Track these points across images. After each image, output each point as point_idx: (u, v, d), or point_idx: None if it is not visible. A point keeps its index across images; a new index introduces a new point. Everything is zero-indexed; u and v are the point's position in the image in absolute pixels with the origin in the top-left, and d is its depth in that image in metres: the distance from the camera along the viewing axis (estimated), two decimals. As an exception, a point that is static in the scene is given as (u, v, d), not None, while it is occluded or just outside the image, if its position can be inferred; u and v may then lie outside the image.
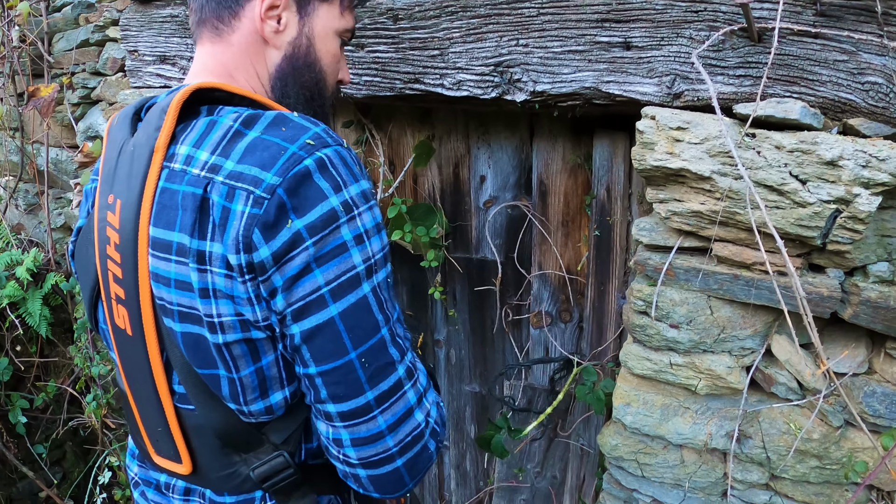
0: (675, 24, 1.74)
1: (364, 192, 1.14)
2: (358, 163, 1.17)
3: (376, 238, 1.15)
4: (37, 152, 4.10)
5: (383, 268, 1.18)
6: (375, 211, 1.16)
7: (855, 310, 1.68)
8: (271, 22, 1.36)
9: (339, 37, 1.49)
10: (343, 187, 1.10)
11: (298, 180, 1.07)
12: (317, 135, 1.13)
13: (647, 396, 2.02)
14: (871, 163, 1.50)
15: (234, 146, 1.12)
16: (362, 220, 1.12)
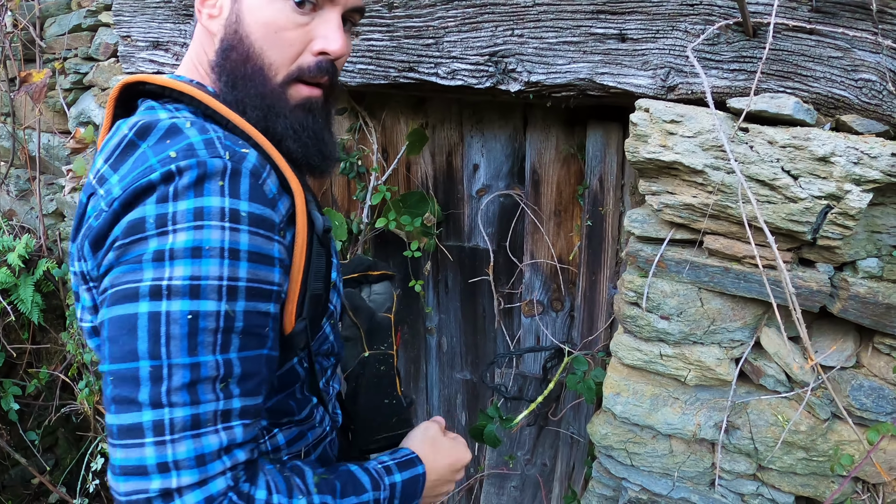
0: (670, 16, 1.75)
1: (200, 210, 0.99)
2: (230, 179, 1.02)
3: (186, 262, 0.97)
4: (28, 138, 4.09)
5: (185, 298, 0.97)
6: (207, 232, 0.99)
7: (844, 304, 1.69)
8: (206, 10, 1.24)
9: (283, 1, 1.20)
10: (171, 199, 0.98)
11: (137, 194, 0.99)
12: (188, 146, 1.02)
13: (637, 386, 2.03)
14: (863, 160, 1.51)
15: (125, 160, 1.06)
16: (175, 237, 0.97)
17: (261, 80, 1.21)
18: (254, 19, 1.19)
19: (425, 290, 2.95)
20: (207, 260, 0.98)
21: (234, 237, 1.00)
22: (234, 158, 1.03)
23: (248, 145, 1.10)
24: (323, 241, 1.21)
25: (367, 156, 2.77)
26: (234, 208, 1.00)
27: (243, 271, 1.01)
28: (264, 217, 1.04)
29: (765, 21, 1.62)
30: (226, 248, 0.99)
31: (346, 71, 2.26)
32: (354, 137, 2.79)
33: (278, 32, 1.19)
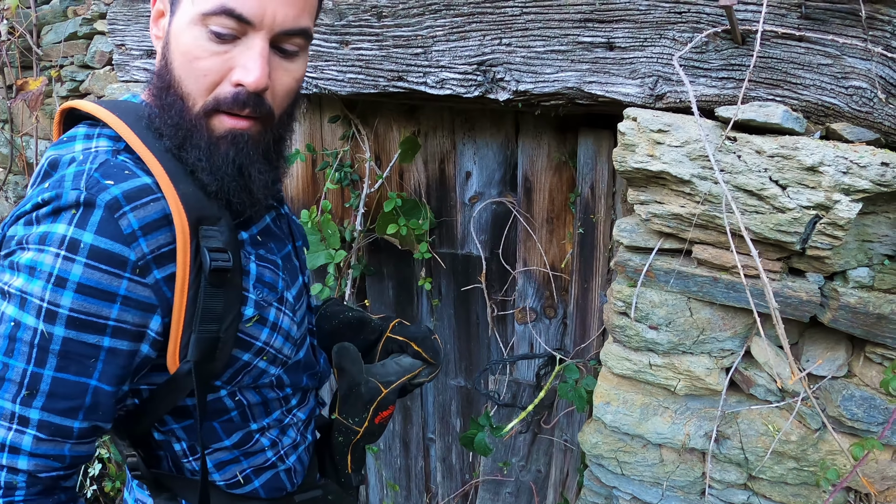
0: (658, 24, 1.74)
1: (45, 235, 1.05)
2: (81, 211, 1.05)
3: (22, 276, 1.05)
4: (26, 145, 4.10)
5: (14, 306, 1.06)
6: (44, 255, 1.04)
7: (834, 314, 1.68)
8: (154, 30, 1.23)
9: (202, 26, 1.12)
10: (33, 223, 1.07)
11: (15, 218, 1.09)
12: (59, 178, 1.08)
13: (627, 395, 2.02)
14: (852, 169, 1.50)
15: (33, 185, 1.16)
16: (22, 255, 1.06)
17: (178, 109, 1.16)
18: (176, 46, 1.15)
19: (419, 296, 2.94)
20: (35, 280, 1.04)
21: (64, 266, 1.04)
22: (91, 191, 1.05)
23: (131, 175, 1.11)
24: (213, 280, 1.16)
25: (362, 164, 2.77)
26: (75, 238, 1.04)
27: (67, 300, 1.05)
28: (110, 252, 1.05)
29: (753, 28, 1.61)
30: (54, 273, 1.04)
31: (336, 80, 2.26)
32: (347, 145, 2.79)
33: (192, 62, 1.14)
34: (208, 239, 1.15)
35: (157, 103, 1.19)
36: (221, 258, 1.15)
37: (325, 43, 2.25)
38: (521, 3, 1.87)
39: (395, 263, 2.93)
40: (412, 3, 2.04)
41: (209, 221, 1.16)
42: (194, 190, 1.15)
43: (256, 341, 1.27)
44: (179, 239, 1.11)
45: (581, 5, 1.80)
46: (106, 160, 1.11)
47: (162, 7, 1.20)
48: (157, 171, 1.12)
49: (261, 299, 1.27)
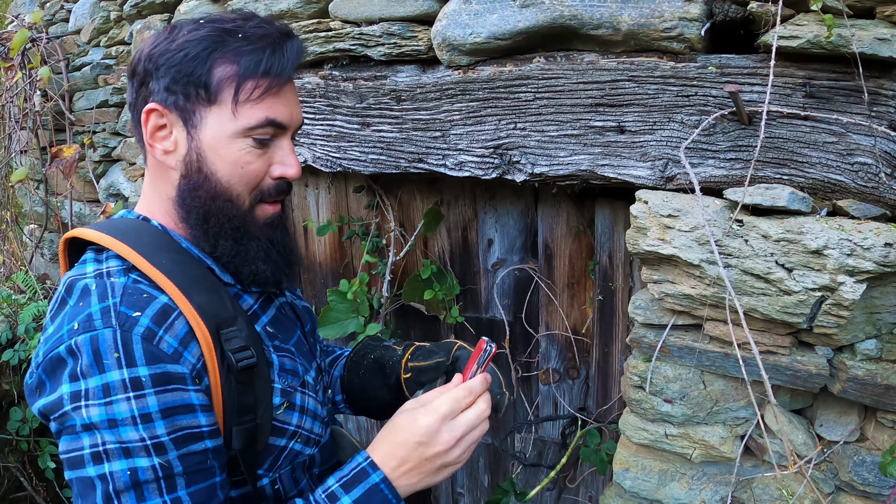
0: (666, 108, 1.79)
1: (107, 386, 1.09)
2: (124, 349, 1.10)
3: (108, 432, 1.09)
4: (61, 205, 4.21)
5: (121, 458, 1.10)
6: (116, 406, 1.09)
7: (843, 385, 1.71)
8: (160, 144, 1.28)
9: (246, 137, 1.26)
10: (80, 377, 1.10)
11: (53, 364, 1.12)
12: (87, 316, 1.12)
13: (646, 462, 2.06)
14: (856, 251, 1.53)
15: (57, 314, 1.19)
16: (89, 412, 1.09)
17: (232, 210, 1.29)
18: (219, 157, 1.25)
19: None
20: (125, 428, 1.10)
21: (140, 404, 1.10)
22: (124, 326, 1.12)
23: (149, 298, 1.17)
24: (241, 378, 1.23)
25: (388, 234, 2.84)
26: (134, 377, 1.10)
27: (161, 429, 1.12)
28: (168, 373, 1.13)
29: (759, 109, 1.65)
30: (136, 415, 1.10)
31: (359, 160, 2.34)
32: (373, 214, 2.86)
33: (244, 168, 1.27)
34: (230, 341, 1.22)
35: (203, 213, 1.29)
36: (246, 356, 1.23)
37: (347, 124, 2.33)
38: (533, 89, 1.94)
39: (421, 328, 2.99)
40: (429, 88, 2.11)
41: (227, 324, 1.23)
42: (207, 297, 1.23)
43: (289, 426, 1.34)
44: (205, 349, 1.19)
45: (591, 90, 1.87)
46: (124, 287, 1.18)
47: (165, 122, 1.26)
48: (168, 289, 1.19)
49: (286, 386, 1.34)
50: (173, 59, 1.23)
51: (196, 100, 1.24)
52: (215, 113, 1.24)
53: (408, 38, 2.12)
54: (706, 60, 1.73)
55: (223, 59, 1.23)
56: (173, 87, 1.23)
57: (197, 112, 1.24)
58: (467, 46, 1.99)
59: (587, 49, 1.91)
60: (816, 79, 1.62)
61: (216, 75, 1.22)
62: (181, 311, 1.18)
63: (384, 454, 1.27)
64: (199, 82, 1.22)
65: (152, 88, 1.25)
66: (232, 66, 1.23)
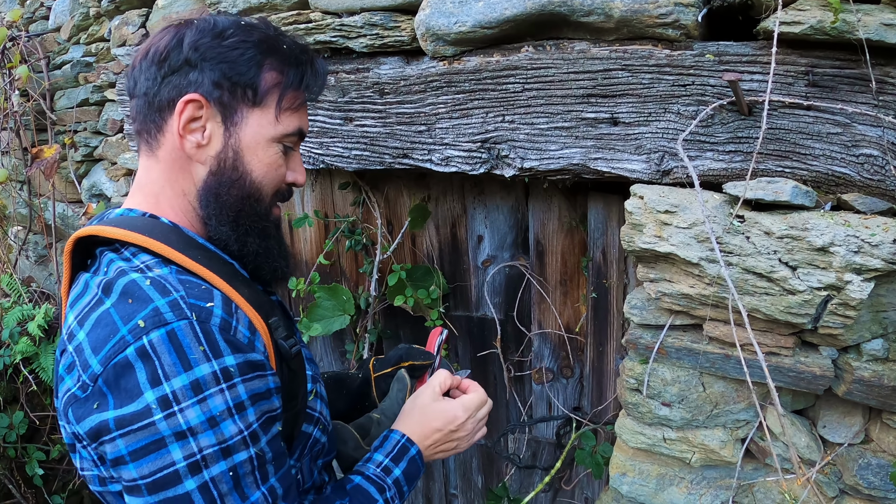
0: (662, 98, 1.72)
1: (197, 382, 1.04)
2: (207, 337, 1.07)
3: (208, 434, 1.04)
4: (44, 206, 4.13)
5: (221, 460, 1.06)
6: (212, 402, 1.05)
7: (848, 387, 1.65)
8: (192, 137, 1.25)
9: (279, 143, 1.31)
10: (164, 380, 1.02)
11: (118, 371, 1.03)
12: (154, 311, 1.05)
13: (643, 466, 2.00)
14: (864, 248, 1.47)
15: (90, 316, 1.10)
16: (185, 415, 1.02)
17: (260, 210, 1.32)
18: (256, 158, 1.28)
19: (436, 359, 2.92)
20: (224, 424, 1.06)
21: (234, 394, 1.07)
22: (201, 318, 1.08)
23: (209, 290, 1.14)
24: (293, 365, 1.27)
25: (373, 232, 2.76)
26: (224, 367, 1.07)
27: (253, 416, 1.10)
28: (250, 361, 1.11)
29: (760, 99, 1.59)
30: (231, 406, 1.07)
31: (342, 157, 2.26)
32: (359, 211, 2.78)
33: (276, 170, 1.32)
34: (277, 330, 1.23)
35: (234, 212, 1.29)
36: (293, 343, 1.26)
37: (330, 119, 2.26)
38: (522, 80, 1.86)
39: (410, 327, 2.92)
40: (413, 80, 2.04)
41: (272, 314, 1.24)
42: (248, 290, 1.22)
43: (315, 412, 1.38)
44: (265, 338, 1.19)
45: (583, 81, 1.79)
46: (179, 280, 1.12)
47: (202, 114, 1.25)
48: (216, 282, 1.17)
49: (314, 374, 1.40)
50: (227, 55, 1.24)
51: (242, 99, 1.26)
52: (257, 115, 1.27)
53: (390, 29, 2.04)
54: (703, 48, 1.65)
55: (272, 66, 1.28)
56: (222, 81, 1.24)
57: (239, 111, 1.26)
58: (452, 36, 1.90)
59: (578, 37, 1.83)
60: (820, 67, 1.54)
61: (265, 80, 1.27)
62: (237, 303, 1.17)
63: (421, 435, 1.50)
64: (248, 83, 1.25)
65: (192, 79, 1.24)
66: (279, 74, 1.28)
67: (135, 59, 1.30)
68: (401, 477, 1.42)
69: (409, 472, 1.44)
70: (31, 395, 4.00)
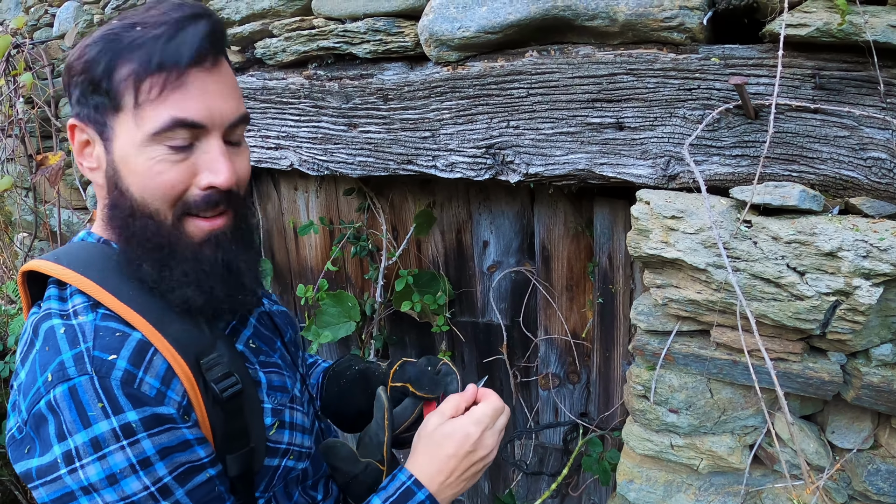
0: (668, 102, 1.71)
1: (95, 440, 1.00)
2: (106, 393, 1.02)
3: (108, 490, 1.01)
4: (49, 213, 4.13)
5: None
6: (112, 459, 1.01)
7: (857, 393, 1.63)
8: (86, 162, 1.18)
9: (157, 143, 1.09)
10: (67, 435, 1.00)
11: (37, 420, 1.02)
12: (59, 365, 1.03)
13: (650, 473, 1.98)
14: (872, 253, 1.45)
15: (28, 357, 1.09)
16: (86, 472, 1.00)
17: (153, 229, 1.14)
18: (129, 170, 1.12)
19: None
20: (126, 481, 1.02)
21: (137, 450, 1.02)
22: (101, 373, 1.03)
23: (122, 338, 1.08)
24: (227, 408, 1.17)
25: (378, 238, 2.75)
26: (124, 423, 1.02)
27: (162, 470, 1.05)
28: (157, 415, 1.05)
29: (766, 102, 1.57)
30: (134, 462, 1.02)
31: (346, 163, 2.25)
32: (364, 217, 2.78)
33: (155, 179, 1.11)
34: (211, 370, 1.14)
35: (123, 234, 1.16)
36: (230, 384, 1.15)
37: (334, 126, 2.25)
38: (526, 85, 1.85)
39: (416, 333, 2.92)
40: (417, 86, 2.03)
41: (206, 352, 1.15)
42: (181, 326, 1.14)
43: (281, 444, 1.28)
44: (187, 384, 1.11)
45: (588, 85, 1.78)
46: (95, 328, 1.08)
47: (87, 137, 1.16)
48: (139, 324, 1.10)
49: (276, 405, 1.28)
50: (77, 67, 1.11)
51: (104, 109, 1.11)
52: (121, 121, 1.11)
53: (394, 35, 2.03)
54: (709, 51, 1.64)
55: (120, 58, 1.08)
56: (83, 98, 1.13)
57: (108, 123, 1.12)
58: (456, 41, 1.89)
59: (582, 41, 1.82)
60: (826, 69, 1.53)
61: (115, 78, 1.09)
62: (156, 348, 1.09)
63: (433, 470, 1.30)
64: (101, 89, 1.10)
65: (75, 97, 1.14)
66: (129, 64, 1.08)
67: None
68: None
69: None
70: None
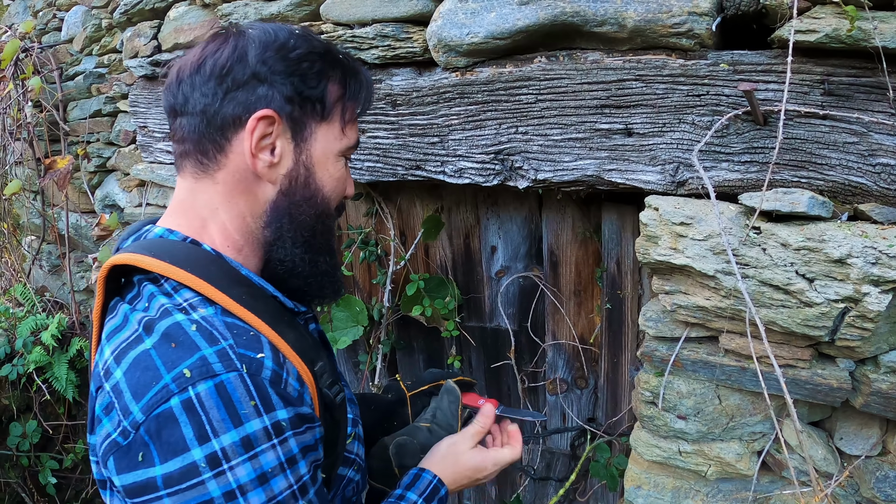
0: (676, 109, 1.70)
1: (247, 439, 0.98)
2: (258, 391, 1.01)
3: (257, 492, 0.99)
4: (57, 216, 4.15)
5: None
6: (263, 458, 0.99)
7: (866, 399, 1.62)
8: (264, 155, 1.18)
9: (343, 156, 1.29)
10: (212, 436, 0.96)
11: (161, 423, 0.96)
12: (201, 360, 0.99)
13: (658, 479, 1.98)
14: (881, 259, 1.44)
15: (128, 353, 1.03)
16: (235, 473, 0.97)
17: (331, 226, 1.33)
18: (327, 174, 1.26)
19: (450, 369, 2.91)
20: (275, 480, 1.01)
21: (286, 448, 1.03)
22: (251, 370, 1.02)
23: (257, 338, 1.08)
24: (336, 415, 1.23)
25: (386, 243, 2.76)
26: (275, 422, 1.02)
27: (304, 468, 1.06)
28: (301, 414, 1.06)
29: (775, 109, 1.57)
30: (284, 461, 1.02)
31: (354, 168, 2.26)
32: (371, 222, 2.78)
33: (342, 182, 1.31)
34: (322, 377, 1.18)
35: (308, 232, 1.26)
36: (338, 390, 1.22)
37: (343, 131, 2.24)
38: (535, 91, 1.85)
39: (424, 338, 2.92)
40: (426, 91, 2.03)
41: (317, 358, 1.18)
42: (294, 334, 1.16)
43: (352, 455, 1.37)
44: (311, 388, 1.14)
45: (597, 91, 1.78)
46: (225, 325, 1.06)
47: (270, 131, 1.18)
48: (261, 328, 1.10)
49: (355, 416, 1.39)
50: (297, 68, 1.19)
51: (311, 113, 1.22)
52: (325, 129, 1.24)
53: (402, 40, 2.03)
54: (717, 57, 1.64)
55: (335, 78, 1.24)
56: (293, 96, 1.19)
57: (308, 126, 1.22)
58: (464, 47, 1.90)
59: (591, 47, 1.81)
60: (835, 75, 1.52)
61: (331, 93, 1.23)
62: (283, 353, 1.11)
63: (451, 479, 1.51)
64: (318, 97, 1.21)
65: (262, 94, 1.17)
66: (340, 87, 1.25)
67: (179, 73, 1.21)
68: None
69: None
70: (45, 405, 4.02)
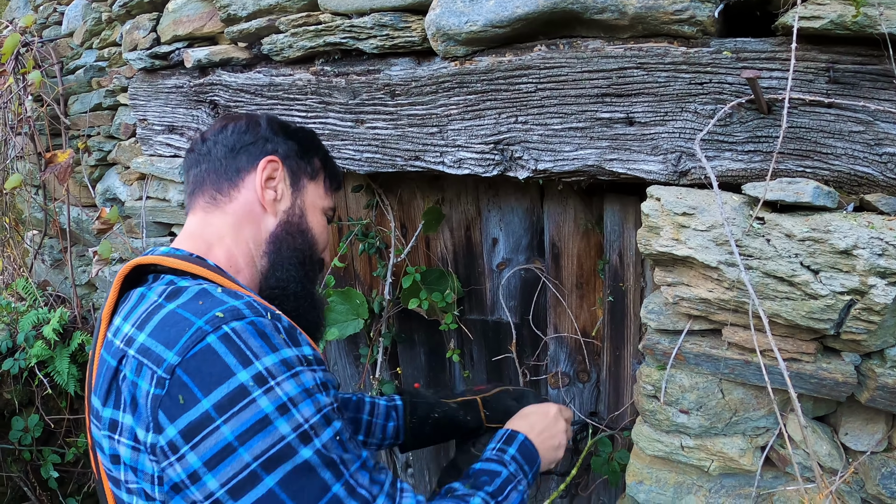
0: (678, 97, 1.67)
1: (285, 361, 1.12)
2: (283, 332, 1.17)
3: (307, 403, 1.11)
4: (59, 210, 4.13)
5: (327, 427, 1.13)
6: (304, 376, 1.13)
7: (872, 394, 1.58)
8: (269, 191, 1.49)
9: (324, 214, 1.62)
10: (254, 359, 1.08)
11: (200, 360, 1.06)
12: (232, 308, 1.13)
13: (660, 474, 1.95)
14: (888, 251, 1.40)
15: (151, 319, 1.15)
16: (283, 388, 1.09)
17: (314, 263, 1.58)
18: (315, 218, 1.58)
19: (451, 362, 2.89)
20: (319, 395, 1.15)
21: (315, 377, 1.17)
22: (275, 317, 1.19)
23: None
24: None
25: (387, 235, 2.73)
26: (303, 354, 1.18)
27: (330, 397, 1.19)
28: (316, 356, 1.23)
29: (779, 97, 1.53)
30: (318, 383, 1.17)
31: (353, 159, 2.23)
32: (372, 214, 2.75)
33: (325, 234, 1.62)
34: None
35: (300, 259, 1.52)
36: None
37: (341, 122, 2.23)
38: (535, 80, 1.82)
39: (425, 331, 2.90)
40: (425, 81, 2.00)
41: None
42: None
43: None
44: None
45: (597, 80, 1.75)
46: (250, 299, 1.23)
47: (275, 173, 1.51)
48: None
49: None
50: (295, 135, 1.59)
51: (304, 170, 1.57)
52: (313, 186, 1.59)
53: (400, 29, 2.00)
54: (720, 45, 1.61)
55: (319, 155, 1.64)
56: (291, 152, 1.55)
57: (302, 179, 1.57)
58: (463, 36, 1.87)
59: (591, 35, 1.78)
60: (841, 63, 1.49)
61: (316, 163, 1.62)
62: None
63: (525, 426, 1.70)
64: (309, 160, 1.59)
65: (269, 148, 1.52)
66: (322, 163, 1.64)
67: (204, 135, 1.54)
68: (517, 455, 1.56)
69: (524, 453, 1.59)
70: (47, 399, 4.01)
